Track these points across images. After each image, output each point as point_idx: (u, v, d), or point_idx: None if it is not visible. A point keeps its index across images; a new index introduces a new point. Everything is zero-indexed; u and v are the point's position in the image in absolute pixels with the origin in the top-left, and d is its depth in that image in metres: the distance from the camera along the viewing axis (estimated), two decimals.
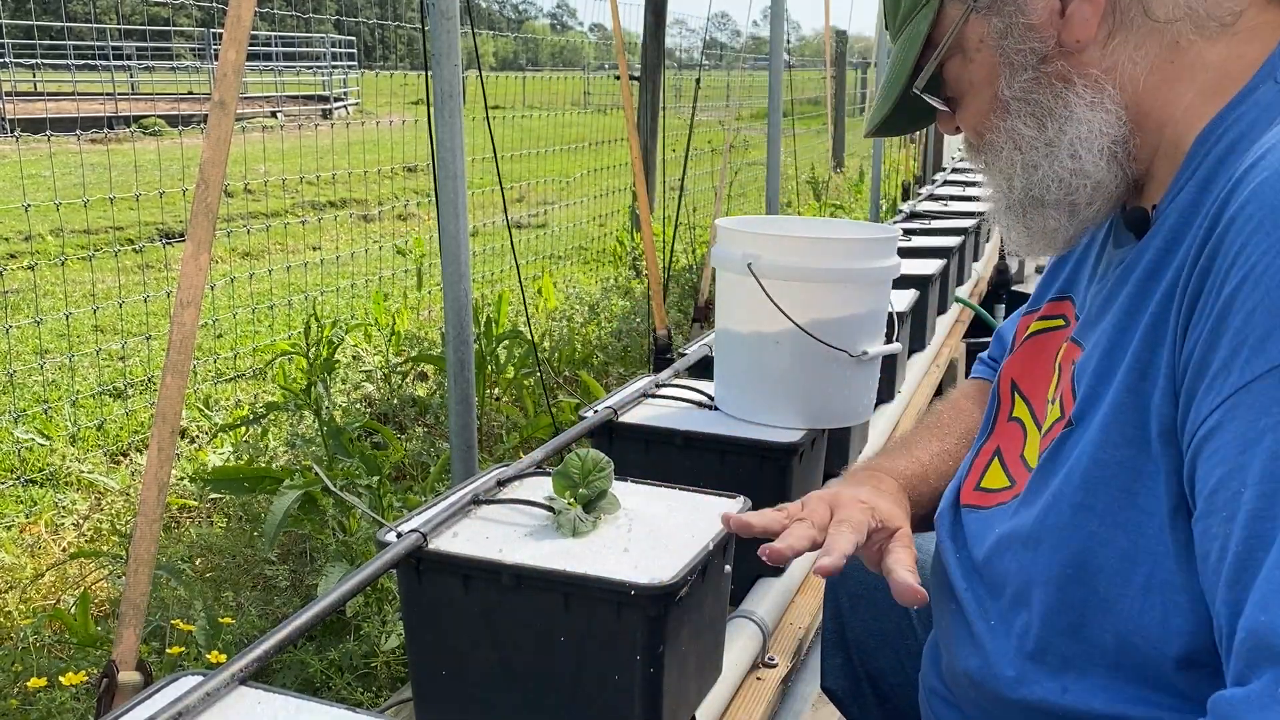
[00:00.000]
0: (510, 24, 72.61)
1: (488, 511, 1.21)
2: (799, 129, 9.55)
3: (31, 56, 17.24)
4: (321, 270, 6.41)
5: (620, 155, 7.96)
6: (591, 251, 7.60)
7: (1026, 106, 0.95)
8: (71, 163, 7.64)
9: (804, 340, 1.58)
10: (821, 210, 8.32)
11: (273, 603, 2.44)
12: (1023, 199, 0.98)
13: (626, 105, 3.46)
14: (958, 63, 0.99)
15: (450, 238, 2.15)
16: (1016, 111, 0.96)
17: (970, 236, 3.83)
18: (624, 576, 1.03)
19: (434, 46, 2.07)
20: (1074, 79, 0.92)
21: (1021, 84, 0.94)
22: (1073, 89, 0.93)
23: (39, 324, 4.72)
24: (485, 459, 3.09)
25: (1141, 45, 0.91)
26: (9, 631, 2.39)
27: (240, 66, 1.53)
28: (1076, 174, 0.93)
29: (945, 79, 1.01)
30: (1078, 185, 0.94)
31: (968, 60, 0.98)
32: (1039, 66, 0.94)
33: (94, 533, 2.97)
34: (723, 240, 1.67)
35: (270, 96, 17.00)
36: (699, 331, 4.10)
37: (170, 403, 1.49)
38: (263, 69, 18.20)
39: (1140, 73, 0.91)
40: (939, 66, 1.00)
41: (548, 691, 1.08)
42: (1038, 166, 0.95)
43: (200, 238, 1.50)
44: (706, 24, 6.27)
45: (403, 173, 9.34)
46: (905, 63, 1.01)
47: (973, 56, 0.97)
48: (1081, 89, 0.92)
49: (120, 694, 1.46)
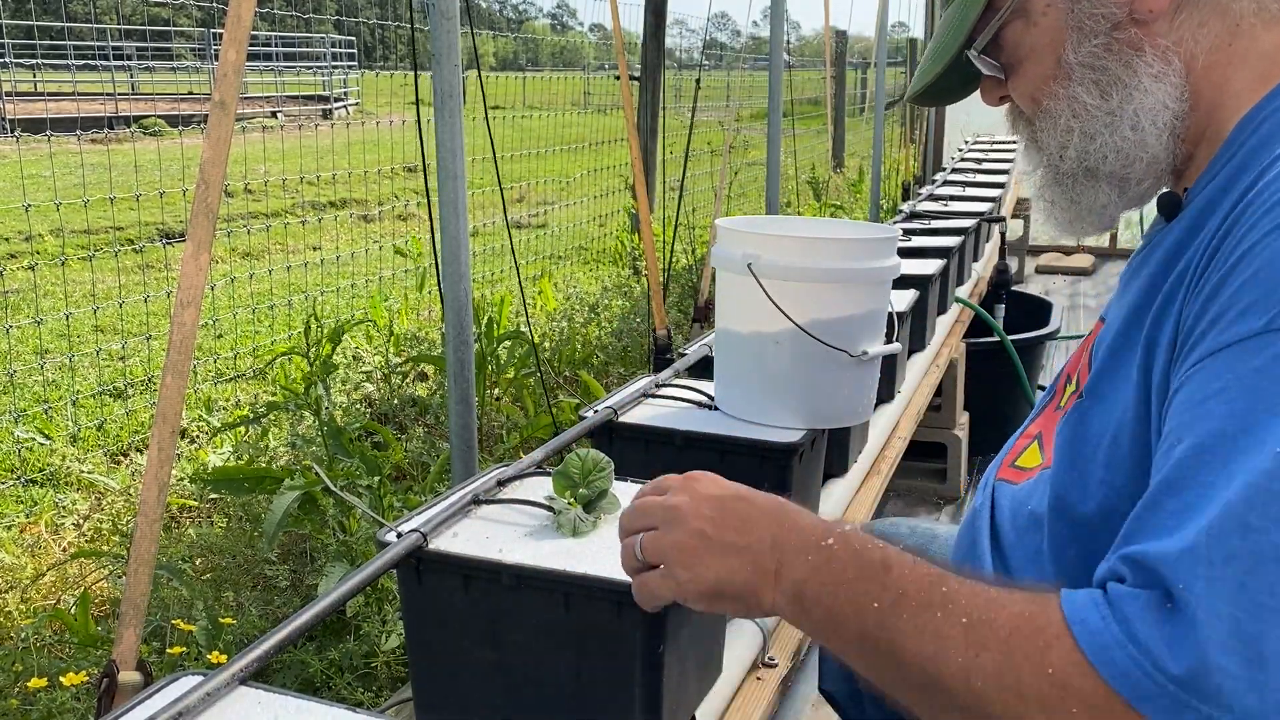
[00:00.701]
0: (510, 24, 72.62)
1: (488, 511, 1.21)
2: (799, 129, 9.55)
3: (31, 56, 17.25)
4: (321, 270, 6.41)
5: (620, 155, 7.96)
6: (591, 251, 7.60)
7: (1091, 74, 0.93)
8: (71, 163, 7.64)
9: (804, 340, 1.58)
10: (821, 210, 8.32)
11: (273, 603, 2.44)
12: (1075, 169, 0.96)
13: (626, 105, 3.46)
14: (1019, 27, 0.97)
15: (450, 238, 2.15)
16: (1080, 78, 0.94)
17: (970, 236, 3.83)
18: (624, 576, 1.03)
19: (434, 46, 2.07)
20: (1145, 48, 0.91)
21: (1090, 50, 0.93)
22: (1142, 58, 0.91)
23: (39, 324, 4.72)
24: (485, 459, 3.09)
25: (1205, 23, 0.90)
26: (9, 631, 2.39)
27: (240, 66, 1.53)
28: (1137, 145, 0.92)
29: (1001, 44, 0.99)
30: (1135, 158, 0.93)
31: (1030, 24, 0.96)
32: (1111, 33, 0.92)
33: (94, 533, 2.97)
34: (723, 240, 1.67)
35: (270, 96, 17.00)
36: (699, 331, 4.10)
37: (170, 403, 1.49)
38: (263, 69, 18.21)
39: (1201, 51, 0.90)
40: (995, 31, 0.98)
41: (548, 691, 1.08)
42: (1096, 136, 0.94)
43: (200, 238, 1.50)
44: (706, 24, 6.27)
45: (403, 173, 9.34)
46: (962, 25, 0.99)
47: (1037, 20, 0.95)
48: (1151, 58, 0.91)
49: (120, 694, 1.46)
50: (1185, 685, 0.66)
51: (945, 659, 0.74)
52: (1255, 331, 0.73)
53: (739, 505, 0.88)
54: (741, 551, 0.85)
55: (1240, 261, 0.77)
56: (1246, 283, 0.75)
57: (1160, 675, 0.67)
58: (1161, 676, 0.67)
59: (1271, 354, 0.71)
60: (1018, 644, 0.72)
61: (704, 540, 0.86)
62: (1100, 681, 0.69)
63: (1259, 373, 0.71)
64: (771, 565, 0.84)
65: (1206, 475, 0.71)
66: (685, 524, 0.87)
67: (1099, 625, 0.70)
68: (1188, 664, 0.66)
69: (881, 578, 0.78)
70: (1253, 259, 0.76)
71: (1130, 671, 0.68)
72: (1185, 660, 0.67)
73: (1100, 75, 0.93)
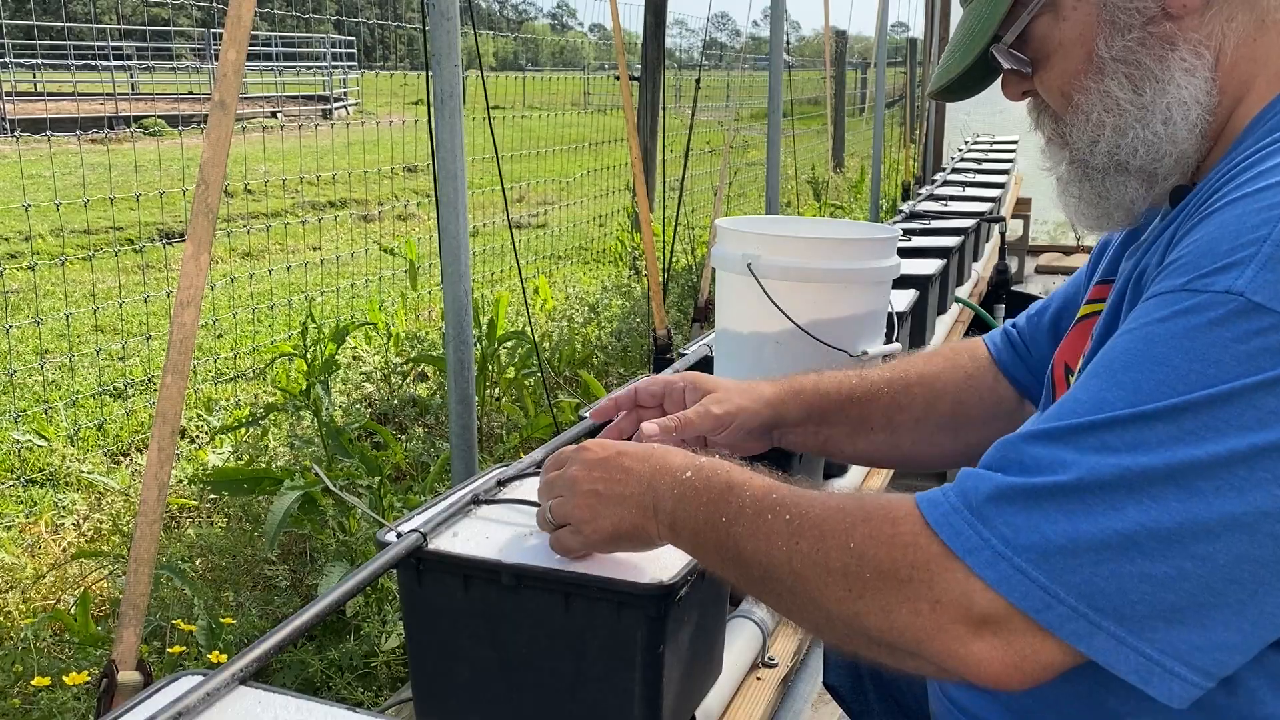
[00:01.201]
0: (510, 24, 72.62)
1: (488, 511, 1.21)
2: (799, 129, 9.55)
3: (31, 56, 17.26)
4: (321, 270, 6.41)
5: (620, 155, 7.96)
6: (591, 251, 7.61)
7: (1124, 68, 0.93)
8: (71, 163, 7.65)
9: (804, 340, 1.58)
10: (821, 210, 8.32)
11: (273, 603, 2.44)
12: (1105, 164, 0.96)
13: (626, 105, 3.46)
14: (1047, 21, 0.96)
15: (450, 238, 2.15)
16: (1112, 73, 0.93)
17: (970, 236, 3.83)
18: (624, 576, 1.03)
19: (434, 46, 2.07)
20: (1178, 43, 0.91)
21: (1124, 44, 0.92)
22: (1176, 52, 0.91)
23: (39, 324, 4.72)
24: (485, 459, 3.09)
25: (1234, 17, 0.90)
26: (9, 631, 2.39)
27: (240, 66, 1.53)
28: (1167, 140, 0.92)
29: (1029, 38, 0.98)
30: (1165, 152, 0.93)
31: (1060, 18, 0.95)
32: (1145, 27, 0.91)
33: (94, 533, 2.97)
34: (723, 240, 1.67)
35: (270, 96, 17.00)
36: (699, 331, 4.10)
37: (170, 403, 1.49)
38: (263, 69, 18.21)
39: (1229, 46, 0.90)
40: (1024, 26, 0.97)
41: (547, 691, 1.08)
42: (1127, 131, 0.93)
43: (200, 238, 1.50)
44: (706, 24, 6.28)
45: (403, 173, 9.34)
46: (990, 19, 0.98)
47: (1067, 15, 0.95)
48: (1184, 53, 0.91)
49: (120, 694, 1.46)
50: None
51: (773, 551, 0.86)
52: (1174, 288, 0.77)
53: (620, 460, 1.02)
54: (626, 500, 0.99)
55: (1200, 222, 0.80)
56: (1192, 242, 0.79)
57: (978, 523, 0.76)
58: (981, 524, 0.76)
59: (1173, 309, 0.76)
60: (830, 527, 0.83)
61: (597, 498, 1.01)
62: (924, 530, 0.78)
63: (1160, 322, 0.76)
64: (650, 504, 0.98)
65: (1081, 395, 0.78)
66: (580, 488, 1.02)
67: (937, 495, 0.80)
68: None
69: (726, 496, 0.92)
70: (1207, 221, 0.79)
71: (954, 522, 0.77)
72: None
73: (1133, 70, 0.92)
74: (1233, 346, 0.72)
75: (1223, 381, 0.71)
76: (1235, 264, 0.74)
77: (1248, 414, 0.71)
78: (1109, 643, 0.73)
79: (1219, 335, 0.73)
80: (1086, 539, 0.73)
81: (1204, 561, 0.71)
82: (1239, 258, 0.74)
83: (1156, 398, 0.73)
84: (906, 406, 1.28)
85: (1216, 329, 0.73)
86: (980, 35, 0.99)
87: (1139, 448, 0.73)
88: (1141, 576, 0.72)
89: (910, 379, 1.29)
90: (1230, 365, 0.72)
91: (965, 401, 1.28)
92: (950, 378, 1.29)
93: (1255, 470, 0.70)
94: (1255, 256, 0.73)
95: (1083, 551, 0.73)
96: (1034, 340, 1.28)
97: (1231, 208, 0.78)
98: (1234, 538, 0.71)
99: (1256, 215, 0.76)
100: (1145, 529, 0.71)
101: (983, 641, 0.76)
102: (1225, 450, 0.71)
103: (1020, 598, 0.74)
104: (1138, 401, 0.74)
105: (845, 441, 1.29)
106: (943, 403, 1.28)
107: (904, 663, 0.81)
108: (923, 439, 1.29)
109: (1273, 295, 0.72)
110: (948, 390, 1.29)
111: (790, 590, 0.85)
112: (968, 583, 0.76)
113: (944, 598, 0.76)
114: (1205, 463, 0.71)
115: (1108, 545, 0.72)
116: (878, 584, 0.79)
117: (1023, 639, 0.75)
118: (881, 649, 0.82)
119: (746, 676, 1.41)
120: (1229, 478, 0.71)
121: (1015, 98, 1.04)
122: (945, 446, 1.29)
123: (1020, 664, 0.75)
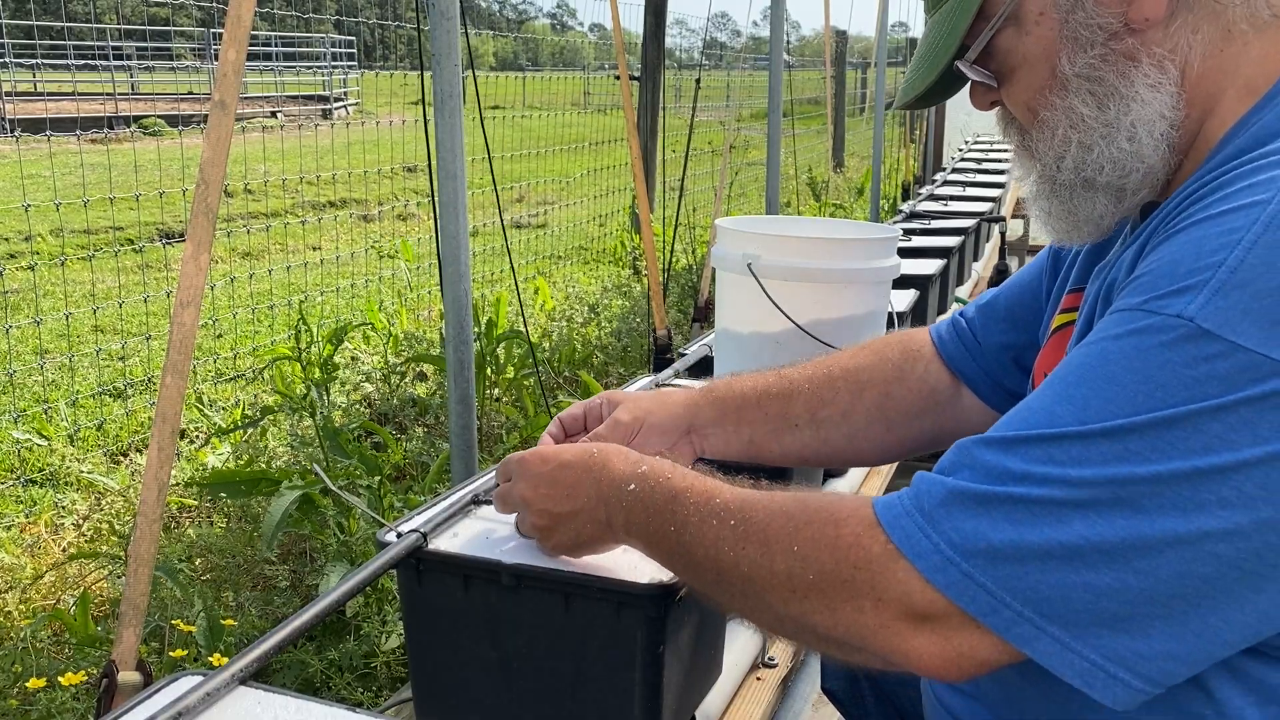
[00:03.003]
0: (510, 24, 72.59)
1: (488, 511, 1.21)
2: (799, 129, 9.56)
3: (31, 56, 17.26)
4: (321, 270, 6.41)
5: (620, 155, 7.96)
6: (591, 251, 7.61)
7: (1088, 84, 0.92)
8: (71, 163, 7.65)
9: (804, 340, 1.58)
10: (821, 210, 8.33)
11: (273, 603, 2.44)
12: (1072, 180, 0.95)
13: (626, 105, 3.46)
14: (1011, 35, 0.95)
15: (450, 238, 2.15)
16: (1076, 89, 0.92)
17: (970, 236, 3.83)
18: (624, 576, 1.03)
19: (434, 46, 2.07)
20: (1141, 58, 0.90)
21: (1086, 61, 0.91)
22: (1139, 68, 0.90)
23: (39, 324, 4.72)
24: (485, 459, 3.09)
25: (1199, 29, 0.89)
26: (9, 632, 2.39)
27: (240, 66, 1.53)
28: (1132, 157, 0.91)
29: (993, 52, 0.97)
30: (1132, 168, 0.92)
31: (1023, 33, 0.94)
32: (1107, 43, 0.90)
33: (94, 533, 2.97)
34: (723, 240, 1.67)
35: (270, 96, 17.00)
36: (699, 331, 4.10)
37: (170, 403, 1.49)
38: (263, 69, 18.21)
39: (1195, 58, 0.89)
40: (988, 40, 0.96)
41: (548, 691, 1.08)
42: (1093, 147, 0.92)
43: (200, 238, 1.50)
44: (706, 24, 6.28)
45: (403, 173, 9.34)
46: (952, 34, 0.96)
47: (1030, 30, 0.93)
48: (1148, 68, 0.89)
49: (120, 694, 1.46)
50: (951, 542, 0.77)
51: (721, 557, 0.89)
52: (1131, 306, 0.78)
53: (564, 474, 1.03)
54: (578, 514, 1.02)
55: (1163, 242, 0.80)
56: (1153, 260, 0.79)
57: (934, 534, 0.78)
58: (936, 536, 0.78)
59: (1128, 329, 0.77)
60: (774, 532, 0.86)
61: (550, 517, 1.04)
62: (880, 535, 0.80)
63: (1115, 339, 0.77)
64: (603, 517, 1.00)
65: (1035, 405, 0.80)
66: (532, 508, 1.05)
67: (893, 499, 0.82)
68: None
69: (671, 506, 0.94)
70: (1170, 241, 0.79)
71: (905, 525, 0.79)
72: None
73: (1096, 86, 0.91)
74: (1180, 371, 0.72)
75: (1169, 405, 0.72)
76: (1190, 288, 0.74)
77: (1193, 438, 0.72)
78: (1053, 646, 0.75)
79: (1168, 358, 0.73)
80: (1032, 548, 0.75)
81: (1146, 575, 0.72)
82: (1194, 282, 0.74)
83: (1104, 416, 0.74)
84: (830, 401, 1.26)
85: (1166, 352, 0.73)
86: (944, 49, 0.98)
87: (1084, 463, 0.74)
88: (1085, 586, 0.73)
89: (834, 373, 1.28)
90: (1177, 389, 0.72)
91: (893, 394, 1.27)
92: (877, 371, 1.28)
93: (1199, 491, 0.71)
94: (1209, 282, 0.73)
95: (1029, 559, 0.75)
96: (984, 330, 1.26)
97: (1194, 229, 0.78)
98: (1176, 554, 0.72)
99: (1216, 239, 0.75)
100: (1089, 542, 0.73)
101: (922, 637, 0.79)
102: (1168, 471, 0.72)
103: (967, 601, 0.76)
104: (1086, 419, 0.75)
105: (770, 440, 1.27)
106: (869, 395, 1.26)
107: (852, 656, 0.85)
108: (854, 433, 1.27)
109: (1222, 322, 0.72)
110: (874, 382, 1.27)
111: (742, 593, 0.89)
112: (909, 581, 0.78)
113: (885, 595, 0.79)
114: (1148, 480, 0.72)
115: (1052, 555, 0.74)
116: (821, 584, 0.82)
117: (961, 635, 0.78)
118: (829, 644, 0.85)
119: (746, 677, 1.42)
120: (1172, 497, 0.72)
121: (984, 108, 1.03)
122: (878, 440, 1.28)
123: (958, 660, 0.78)
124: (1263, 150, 0.81)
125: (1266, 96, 0.86)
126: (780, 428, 1.27)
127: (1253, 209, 0.75)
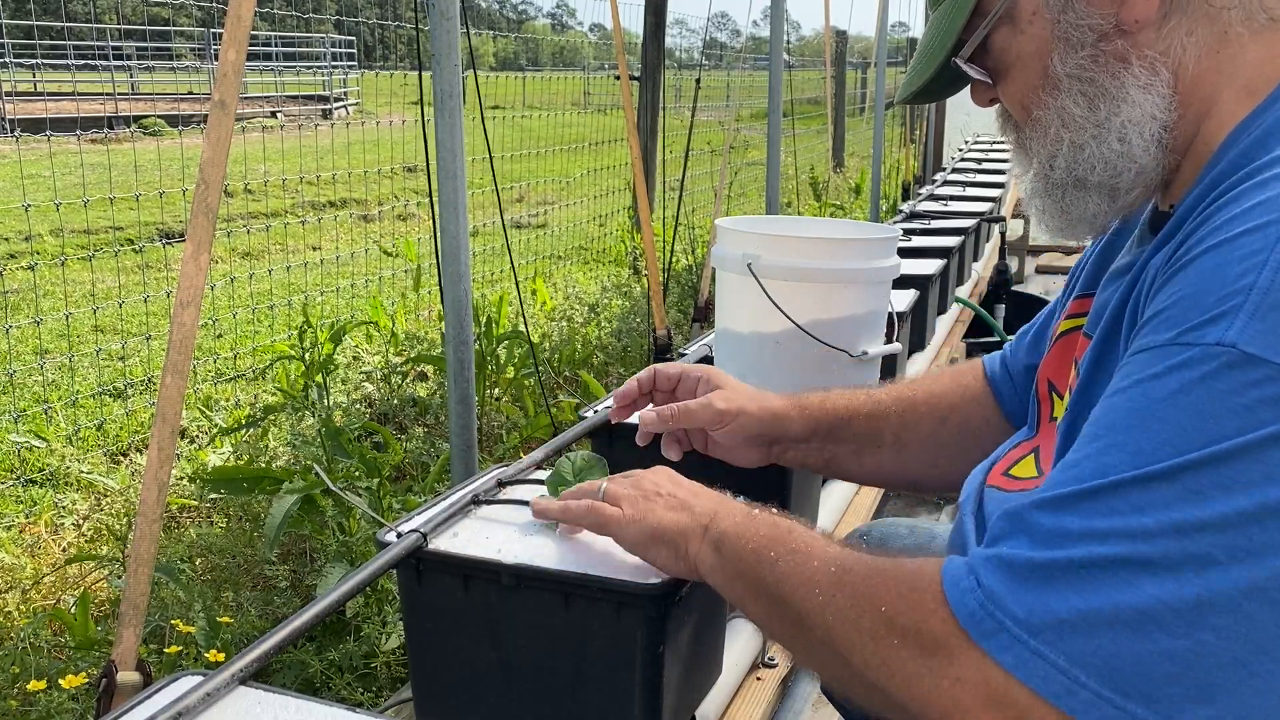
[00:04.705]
0: (510, 24, 72.61)
1: (488, 511, 1.21)
2: (799, 129, 9.55)
3: (31, 56, 17.26)
4: (321, 270, 6.41)
5: (620, 155, 7.96)
6: (591, 251, 7.60)
7: (1079, 85, 0.92)
8: (71, 163, 7.64)
9: (804, 340, 1.58)
10: (821, 210, 8.33)
11: (273, 603, 2.43)
12: (1064, 179, 0.95)
13: (626, 105, 3.46)
14: (1006, 33, 0.96)
15: (450, 238, 2.15)
16: (1068, 89, 0.93)
17: (970, 236, 3.84)
18: (624, 576, 1.03)
19: (434, 46, 2.07)
20: (1131, 59, 0.90)
21: (1077, 61, 0.92)
22: (1129, 70, 0.90)
23: (39, 324, 4.72)
24: (485, 459, 3.09)
25: (1193, 31, 0.89)
26: (9, 632, 2.39)
27: (240, 66, 1.53)
28: (1123, 157, 0.91)
29: (989, 49, 0.98)
30: (1123, 169, 0.92)
31: (1017, 31, 0.95)
32: (1097, 44, 0.91)
33: (94, 533, 2.97)
34: (723, 240, 1.67)
35: (270, 96, 17.00)
36: (699, 331, 4.10)
37: (170, 403, 1.49)
38: (263, 69, 18.21)
39: (1189, 60, 0.89)
40: (984, 38, 0.97)
41: (548, 691, 1.08)
42: (1084, 147, 0.93)
43: (200, 238, 1.50)
44: (706, 24, 6.28)
45: (403, 173, 9.34)
46: (950, 30, 0.97)
47: (1024, 28, 0.94)
48: (1138, 70, 0.90)
49: (120, 694, 1.46)
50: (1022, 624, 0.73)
51: (810, 598, 0.87)
52: (1162, 342, 0.75)
53: (693, 485, 1.07)
54: (686, 508, 1.03)
55: (1180, 271, 0.78)
56: (1174, 293, 0.77)
57: (1001, 614, 0.74)
58: (1002, 615, 0.74)
59: (1166, 365, 0.74)
60: (867, 588, 0.84)
61: (659, 496, 1.05)
62: (946, 614, 0.77)
63: (1154, 379, 0.74)
64: (706, 520, 1.01)
65: (1082, 459, 0.76)
66: (645, 484, 1.07)
67: (959, 569, 0.78)
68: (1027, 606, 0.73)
69: (784, 538, 0.94)
70: (1187, 270, 0.77)
71: (969, 603, 0.76)
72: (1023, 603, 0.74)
73: (1087, 87, 0.92)
74: (1230, 400, 0.70)
75: (1224, 438, 0.69)
76: (1224, 314, 0.72)
77: (1253, 469, 0.68)
78: None
79: (1214, 389, 0.71)
80: (1102, 615, 0.70)
81: (1224, 634, 0.68)
82: (1227, 308, 0.72)
83: (1158, 458, 0.71)
84: (914, 425, 1.27)
85: (1211, 382, 0.71)
86: (941, 45, 0.99)
87: (1145, 510, 0.71)
88: (1162, 654, 0.69)
89: (918, 398, 1.29)
90: (1229, 420, 0.69)
91: (971, 422, 1.28)
92: (956, 397, 1.29)
93: (1266, 529, 0.68)
94: (1243, 306, 0.71)
95: (1099, 629, 0.70)
96: (1013, 356, 1.28)
97: (1211, 255, 0.76)
98: (1254, 606, 0.68)
99: (1239, 264, 0.74)
100: (1162, 603, 0.69)
101: (990, 716, 0.75)
102: (1234, 510, 0.68)
103: (1040, 683, 0.72)
104: (1140, 464, 0.72)
105: (851, 460, 1.29)
106: (950, 423, 1.28)
107: None
108: (930, 461, 1.28)
109: (1265, 345, 0.70)
110: (955, 410, 1.28)
111: (821, 641, 0.86)
112: (985, 665, 0.74)
113: (964, 676, 0.75)
114: (1215, 523, 0.68)
115: (1123, 621, 0.70)
116: (903, 652, 0.79)
117: (1036, 718, 0.73)
118: (898, 712, 0.82)
119: (746, 677, 1.42)
120: (1242, 541, 0.68)
121: (983, 104, 1.04)
122: (948, 469, 1.27)
123: None
124: (1267, 160, 0.80)
125: (1269, 99, 0.86)
126: (865, 448, 1.28)
127: (1268, 229, 0.74)
